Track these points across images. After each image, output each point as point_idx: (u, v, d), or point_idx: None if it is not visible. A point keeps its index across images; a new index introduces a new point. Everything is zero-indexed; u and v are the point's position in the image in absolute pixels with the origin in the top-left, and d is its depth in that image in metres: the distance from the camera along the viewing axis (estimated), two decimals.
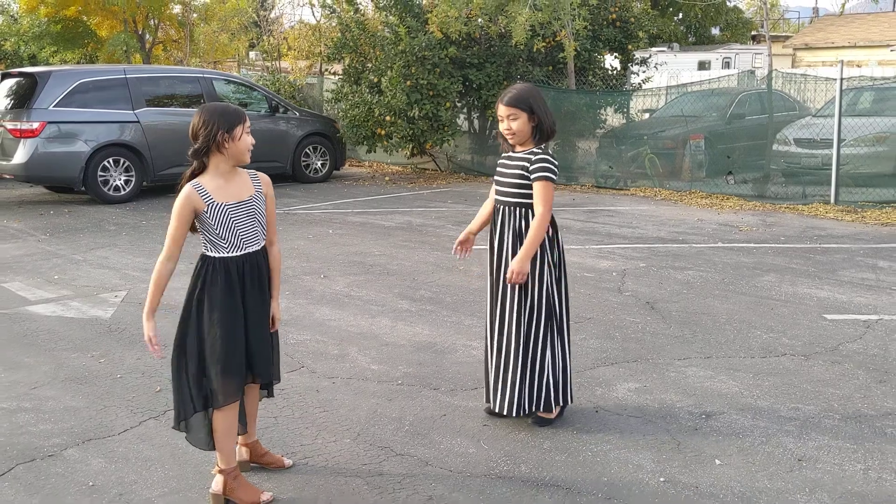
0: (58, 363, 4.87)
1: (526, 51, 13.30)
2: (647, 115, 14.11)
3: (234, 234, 3.12)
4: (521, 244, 3.75)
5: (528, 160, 3.75)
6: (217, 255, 3.14)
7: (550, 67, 14.03)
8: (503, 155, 3.94)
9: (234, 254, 3.15)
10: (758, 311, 5.86)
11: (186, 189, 3.09)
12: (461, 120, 14.38)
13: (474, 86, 13.37)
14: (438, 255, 7.78)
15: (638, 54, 15.50)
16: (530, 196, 3.75)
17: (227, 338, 3.10)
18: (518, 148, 3.84)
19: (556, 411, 3.98)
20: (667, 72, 20.12)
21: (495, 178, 3.94)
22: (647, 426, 3.96)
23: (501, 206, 3.86)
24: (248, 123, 3.15)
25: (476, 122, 14.72)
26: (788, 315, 5.78)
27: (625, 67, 15.27)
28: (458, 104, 13.97)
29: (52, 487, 3.40)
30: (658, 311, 5.90)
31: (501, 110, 3.78)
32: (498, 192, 3.90)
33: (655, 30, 24.25)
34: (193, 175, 3.15)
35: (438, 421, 4.03)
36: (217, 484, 3.18)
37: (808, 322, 5.61)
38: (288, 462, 3.55)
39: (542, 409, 3.91)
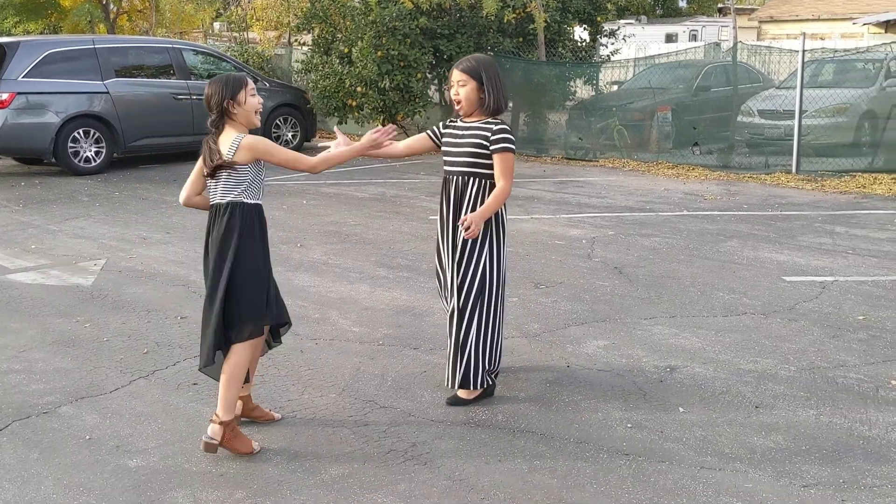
0: (44, 328, 4.97)
1: (496, 22, 13.41)
2: (615, 88, 14.32)
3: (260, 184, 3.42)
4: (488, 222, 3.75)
5: (489, 130, 3.69)
6: (249, 202, 3.37)
7: (521, 39, 14.15)
8: (449, 123, 3.87)
9: (260, 201, 3.43)
10: (720, 275, 6.13)
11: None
12: (432, 91, 14.46)
13: (445, 57, 13.45)
14: (413, 224, 7.94)
15: (606, 26, 15.67)
16: (488, 167, 3.71)
17: (268, 279, 3.43)
18: (467, 118, 3.79)
19: (474, 392, 3.87)
20: (635, 44, 20.35)
21: (444, 148, 3.84)
22: (616, 379, 4.20)
23: (456, 177, 3.78)
24: (251, 86, 3.38)
25: (447, 93, 14.81)
26: (749, 277, 6.05)
27: (594, 39, 15.45)
28: (429, 75, 14.05)
29: (49, 441, 3.54)
30: (626, 276, 6.14)
31: (453, 76, 3.74)
32: (449, 164, 3.80)
33: (623, 2, 24.41)
34: None
35: (419, 377, 4.23)
36: (215, 434, 3.35)
37: (768, 284, 5.89)
38: (277, 416, 3.73)
39: (459, 386, 3.82)
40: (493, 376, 3.97)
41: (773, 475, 3.24)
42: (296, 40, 17.26)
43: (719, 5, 38.33)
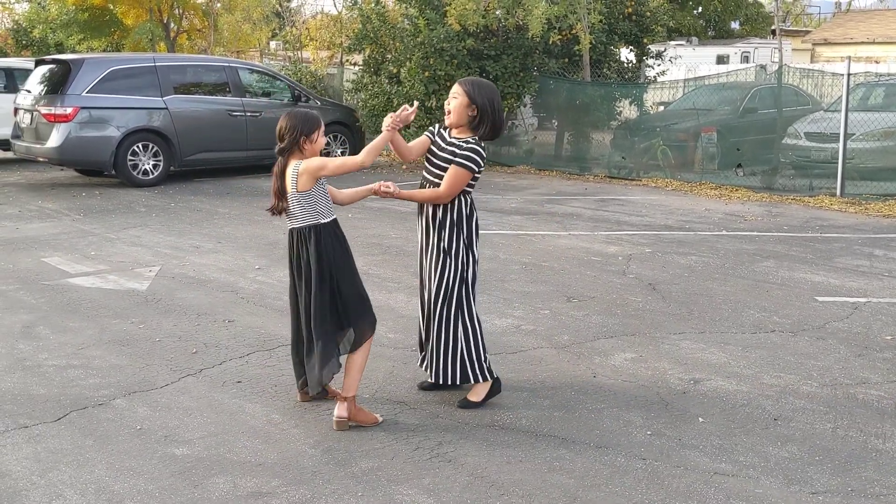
0: (101, 328, 5.30)
1: (542, 43, 13.63)
2: (661, 108, 14.40)
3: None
4: (454, 234, 3.96)
5: (459, 147, 3.86)
6: (327, 221, 3.80)
7: (566, 60, 14.34)
8: (440, 130, 3.99)
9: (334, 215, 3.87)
10: (753, 293, 6.21)
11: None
12: None
13: (491, 77, 13.70)
14: None
15: (654, 48, 15.77)
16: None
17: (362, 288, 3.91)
18: (453, 132, 3.94)
19: (482, 390, 4.06)
20: (684, 65, 20.38)
21: (427, 154, 3.99)
22: (640, 389, 4.34)
23: (428, 186, 3.96)
24: (322, 128, 3.77)
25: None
26: (782, 297, 6.12)
27: (640, 61, 15.56)
28: None
29: (104, 430, 3.83)
30: (659, 292, 6.25)
31: (452, 88, 3.95)
32: (427, 171, 3.97)
33: (672, 24, 24.46)
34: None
35: None
36: (343, 411, 3.77)
37: (800, 303, 5.95)
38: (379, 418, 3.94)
39: (459, 381, 4.01)
40: (490, 370, 4.09)
41: (783, 482, 3.35)
42: (347, 60, 17.70)
43: (772, 27, 37.99)
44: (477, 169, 3.90)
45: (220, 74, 12.56)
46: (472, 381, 4.07)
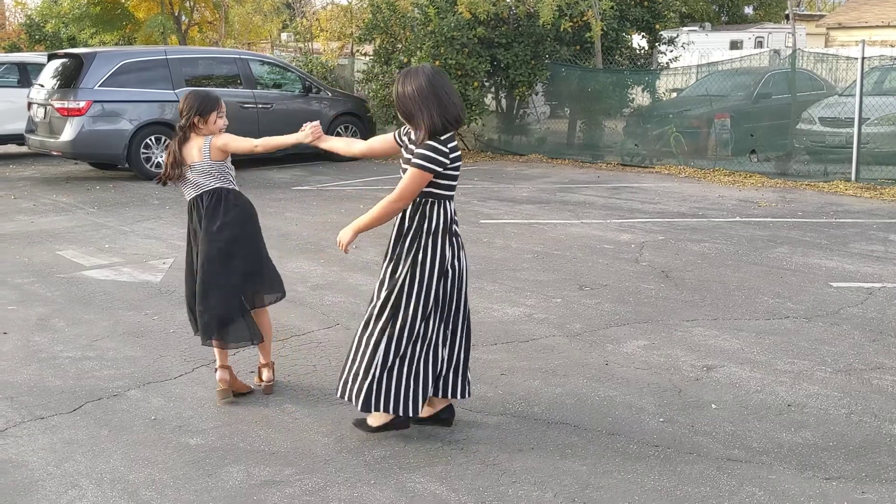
0: (115, 319, 5.34)
1: (553, 30, 13.55)
2: (674, 95, 14.30)
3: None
4: (413, 246, 3.47)
5: (415, 146, 3.41)
6: (232, 187, 4.11)
7: (578, 47, 14.26)
8: (406, 131, 3.58)
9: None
10: (767, 280, 6.17)
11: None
12: (489, 99, 14.67)
13: (502, 65, 13.66)
14: (464, 228, 8.08)
15: (666, 34, 15.66)
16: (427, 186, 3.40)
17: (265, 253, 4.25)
18: (407, 124, 3.52)
19: (382, 418, 3.57)
20: (697, 51, 20.22)
21: (402, 152, 3.56)
22: (652, 377, 4.33)
23: None
24: (222, 109, 4.00)
25: (503, 101, 15.02)
26: (796, 283, 6.08)
27: (652, 47, 15.45)
28: (486, 83, 14.26)
29: (119, 420, 3.86)
30: (672, 279, 6.23)
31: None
32: (401, 175, 3.50)
33: (685, 9, 24.26)
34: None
35: None
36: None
37: (814, 289, 5.91)
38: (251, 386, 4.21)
39: (361, 407, 3.49)
40: (408, 413, 3.49)
41: (797, 468, 3.34)
42: (358, 51, 17.67)
43: (786, 12, 37.62)
44: (434, 169, 3.33)
45: (231, 67, 12.58)
46: (374, 411, 3.53)
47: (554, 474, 3.31)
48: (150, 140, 11.42)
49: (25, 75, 13.99)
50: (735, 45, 29.95)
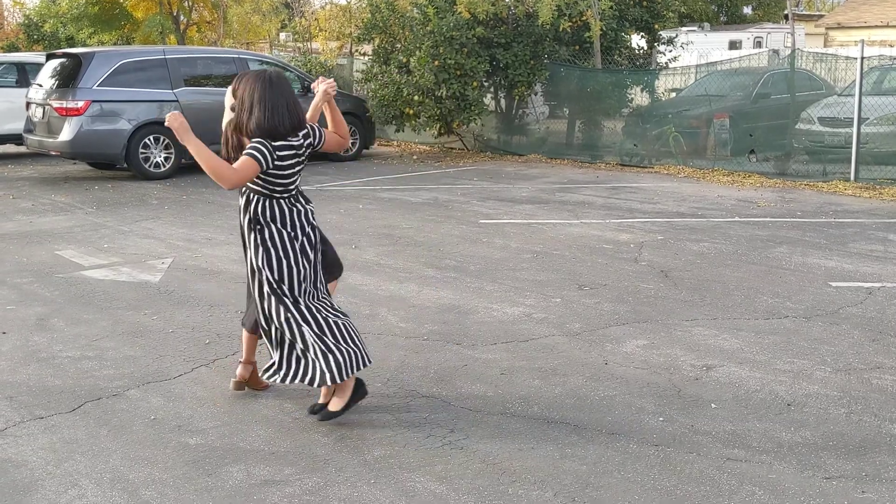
0: (115, 319, 5.34)
1: (552, 30, 13.55)
2: (673, 95, 14.31)
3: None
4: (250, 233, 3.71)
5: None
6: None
7: (577, 47, 14.26)
8: None
9: None
10: (766, 279, 6.17)
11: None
12: (488, 99, 14.67)
13: (501, 65, 13.66)
14: (464, 228, 8.16)
15: (665, 34, 15.66)
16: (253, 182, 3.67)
17: None
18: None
19: (342, 400, 3.76)
20: (696, 51, 20.22)
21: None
22: (652, 376, 4.33)
23: None
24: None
25: (503, 101, 15.02)
26: (795, 282, 6.08)
27: (651, 47, 15.46)
28: (485, 83, 14.26)
29: (118, 420, 3.86)
30: (671, 279, 6.23)
31: None
32: None
33: (684, 9, 24.26)
34: None
35: (460, 370, 4.43)
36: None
37: (814, 289, 5.91)
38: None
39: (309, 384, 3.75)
40: (345, 372, 3.68)
41: (797, 467, 3.34)
42: (357, 50, 17.68)
43: (785, 12, 37.63)
44: (259, 160, 3.54)
45: (229, 66, 12.54)
46: (317, 386, 3.78)
47: (554, 474, 3.32)
48: (149, 140, 11.40)
49: (24, 75, 13.97)
50: (734, 45, 29.96)
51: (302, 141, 3.73)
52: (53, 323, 5.28)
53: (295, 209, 3.77)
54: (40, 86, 11.77)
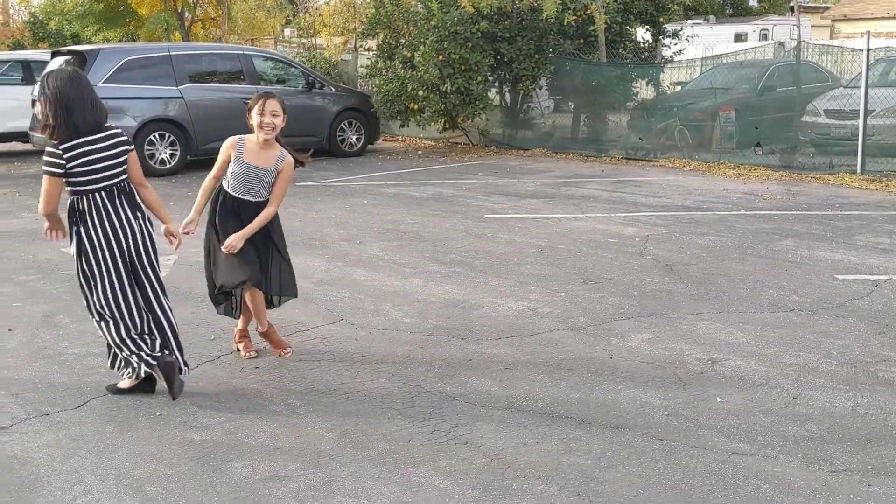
0: None
1: (557, 24, 13.51)
2: (678, 88, 14.25)
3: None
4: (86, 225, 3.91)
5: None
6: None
7: (581, 41, 14.21)
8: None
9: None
10: (772, 273, 6.15)
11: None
12: (493, 94, 14.65)
13: (506, 60, 13.62)
14: (468, 223, 8.15)
15: (670, 27, 15.61)
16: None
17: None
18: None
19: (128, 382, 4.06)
20: (702, 44, 20.14)
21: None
22: (657, 370, 4.32)
23: None
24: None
25: (507, 95, 14.99)
26: (801, 275, 6.06)
27: (656, 40, 15.40)
28: (490, 78, 14.23)
29: (124, 416, 3.87)
30: (676, 273, 6.21)
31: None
32: None
33: (689, 2, 24.16)
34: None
35: (465, 365, 4.43)
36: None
37: (820, 282, 5.89)
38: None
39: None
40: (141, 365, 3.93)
41: (802, 461, 3.33)
42: (361, 46, 17.69)
43: (791, 4, 37.43)
44: (53, 171, 3.82)
45: (234, 63, 12.56)
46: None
47: (559, 468, 3.31)
48: (154, 137, 11.42)
49: (29, 73, 14.00)
50: (739, 37, 29.82)
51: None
52: (59, 320, 5.30)
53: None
54: None
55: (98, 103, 3.88)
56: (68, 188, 3.88)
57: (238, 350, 4.64)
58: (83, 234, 3.90)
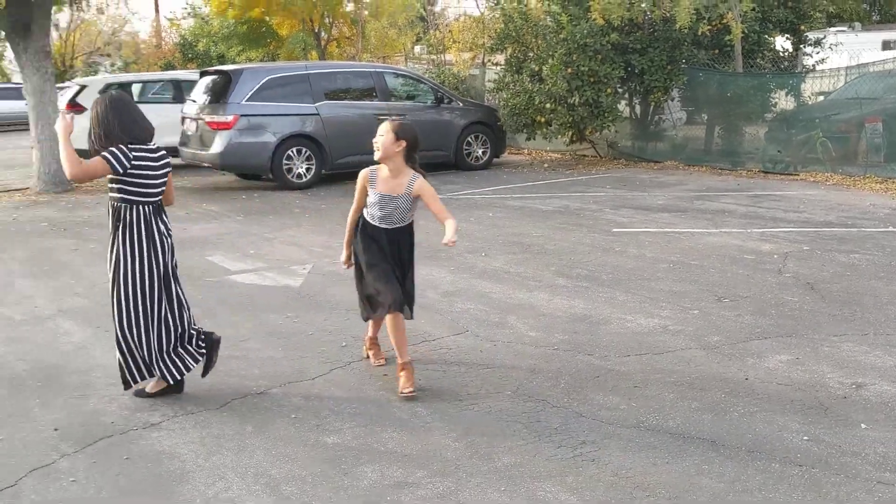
0: (259, 322, 5.61)
1: (691, 34, 13.19)
2: (821, 98, 13.58)
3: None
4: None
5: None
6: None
7: (716, 51, 13.80)
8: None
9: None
10: None
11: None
12: (622, 105, 14.44)
13: (636, 71, 13.41)
14: (595, 236, 8.05)
15: (812, 35, 14.91)
16: (112, 191, 4.13)
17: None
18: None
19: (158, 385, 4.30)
20: (846, 52, 19.10)
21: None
22: (796, 393, 4.12)
23: None
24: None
25: (637, 107, 14.73)
26: None
27: (796, 49, 14.75)
28: (620, 90, 14.04)
29: (262, 417, 4.06)
30: (818, 291, 5.91)
31: None
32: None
33: (833, 9, 22.98)
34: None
35: (591, 381, 4.38)
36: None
37: None
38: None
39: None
40: (162, 371, 4.22)
41: None
42: (489, 60, 17.85)
43: None
44: (111, 157, 3.98)
45: (367, 80, 12.96)
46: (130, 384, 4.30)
47: (690, 490, 3.22)
48: (292, 152, 11.92)
49: (179, 91, 14.96)
50: (888, 45, 28.05)
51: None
52: (204, 324, 5.60)
53: None
54: (194, 101, 12.54)
55: (145, 117, 4.19)
56: (117, 194, 4.09)
57: (368, 357, 4.77)
58: (128, 245, 4.14)
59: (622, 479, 3.33)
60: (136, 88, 15.34)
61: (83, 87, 14.71)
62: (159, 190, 4.25)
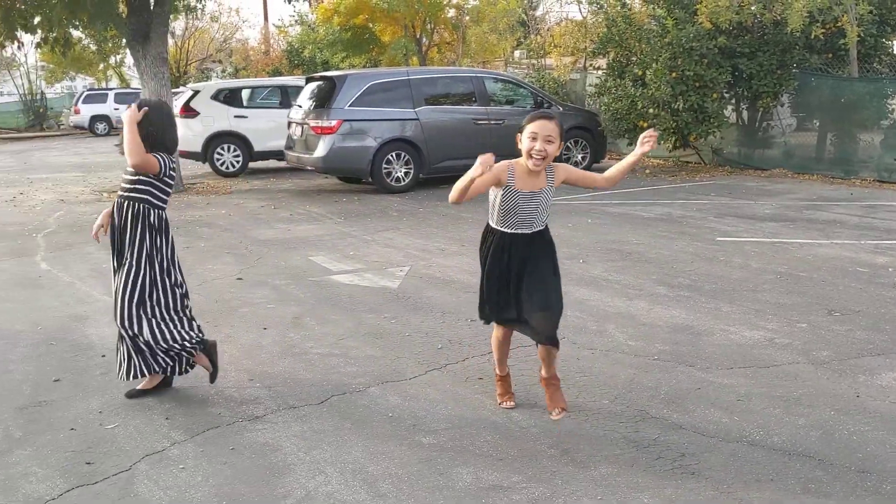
0: (358, 321, 5.73)
1: (803, 38, 12.71)
2: None
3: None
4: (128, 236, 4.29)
5: None
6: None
7: (830, 55, 13.26)
8: None
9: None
10: None
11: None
12: (728, 111, 14.03)
13: (744, 76, 13.02)
14: (699, 245, 7.85)
15: None
16: (137, 192, 4.27)
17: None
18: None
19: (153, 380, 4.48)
20: None
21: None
22: None
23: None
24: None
25: (745, 113, 14.29)
26: None
27: None
28: (726, 95, 13.65)
29: (360, 415, 4.14)
30: None
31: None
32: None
33: None
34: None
35: (693, 393, 4.27)
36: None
37: None
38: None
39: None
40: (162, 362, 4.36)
41: None
42: (590, 65, 17.65)
43: None
44: (159, 166, 4.23)
45: (466, 85, 13.04)
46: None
47: None
48: (391, 156, 12.12)
49: (286, 97, 15.45)
50: None
51: None
52: (306, 322, 5.78)
53: None
54: (300, 106, 12.92)
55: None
56: (142, 195, 4.28)
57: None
58: (158, 246, 4.31)
59: (723, 493, 3.24)
60: (245, 94, 15.91)
61: (196, 93, 15.38)
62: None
